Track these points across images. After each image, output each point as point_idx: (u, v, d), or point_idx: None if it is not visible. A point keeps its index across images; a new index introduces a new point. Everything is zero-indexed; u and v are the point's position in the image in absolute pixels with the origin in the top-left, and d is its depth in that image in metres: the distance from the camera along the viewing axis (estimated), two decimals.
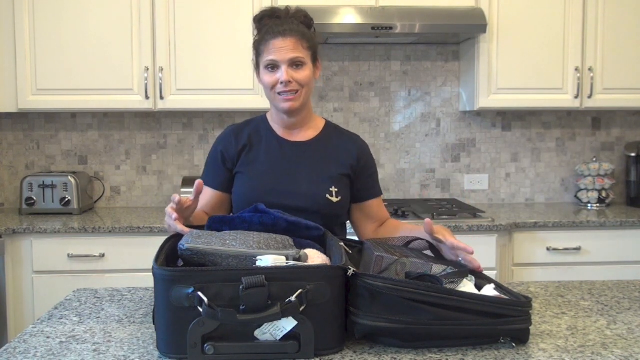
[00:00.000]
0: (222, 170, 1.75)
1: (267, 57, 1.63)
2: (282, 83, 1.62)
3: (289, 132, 1.76)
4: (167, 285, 1.13)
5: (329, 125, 1.81)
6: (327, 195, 1.68)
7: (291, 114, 1.70)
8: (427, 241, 1.56)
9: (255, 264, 1.21)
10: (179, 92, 3.02)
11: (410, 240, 1.57)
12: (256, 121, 1.80)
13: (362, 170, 1.77)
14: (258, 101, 3.03)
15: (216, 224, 1.45)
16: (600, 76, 3.13)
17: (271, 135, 1.75)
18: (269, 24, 1.67)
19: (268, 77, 1.64)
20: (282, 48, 1.61)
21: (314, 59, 1.69)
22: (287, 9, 1.70)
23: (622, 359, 1.17)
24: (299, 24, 1.67)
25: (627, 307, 1.50)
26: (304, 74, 1.64)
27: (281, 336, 1.13)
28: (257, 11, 2.95)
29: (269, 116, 1.80)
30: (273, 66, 1.63)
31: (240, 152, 1.74)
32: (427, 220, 1.48)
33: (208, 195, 1.76)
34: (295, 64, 1.62)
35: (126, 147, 3.37)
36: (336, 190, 1.69)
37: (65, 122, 3.35)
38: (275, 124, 1.76)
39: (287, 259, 1.22)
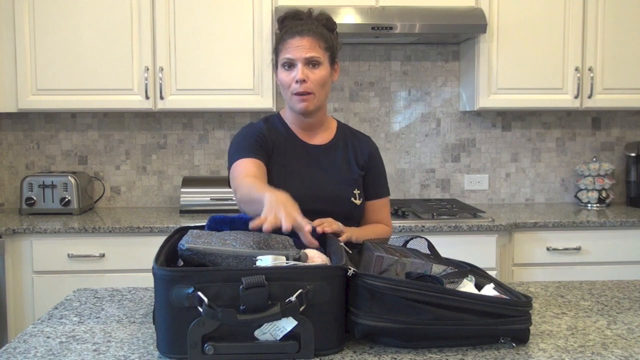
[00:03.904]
0: (264, 145, 1.67)
1: (284, 55, 1.64)
2: (297, 82, 1.62)
3: (308, 135, 1.75)
4: (167, 285, 1.13)
5: (341, 126, 1.84)
6: (352, 199, 1.70)
7: (306, 115, 1.69)
8: (425, 239, 1.56)
9: (255, 264, 1.21)
10: (179, 92, 3.02)
11: (409, 239, 1.57)
12: (273, 121, 1.77)
13: (370, 170, 1.80)
14: (258, 101, 3.03)
15: (216, 224, 1.45)
16: (600, 76, 3.13)
17: (294, 139, 1.74)
18: (289, 25, 1.68)
19: (284, 76, 1.65)
20: (299, 47, 1.62)
21: (332, 61, 1.69)
22: (310, 11, 1.71)
23: (622, 359, 1.17)
24: (319, 25, 1.68)
25: (627, 307, 1.50)
26: (319, 73, 1.64)
27: (281, 336, 1.13)
28: (257, 11, 3.00)
29: (284, 116, 1.78)
30: (289, 64, 1.64)
31: (273, 148, 1.69)
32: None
33: (258, 165, 1.62)
34: (312, 63, 1.63)
35: (126, 147, 3.37)
36: (358, 192, 1.72)
37: (65, 122, 3.34)
38: (293, 124, 1.75)
39: (287, 259, 1.22)
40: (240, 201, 1.52)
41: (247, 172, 1.58)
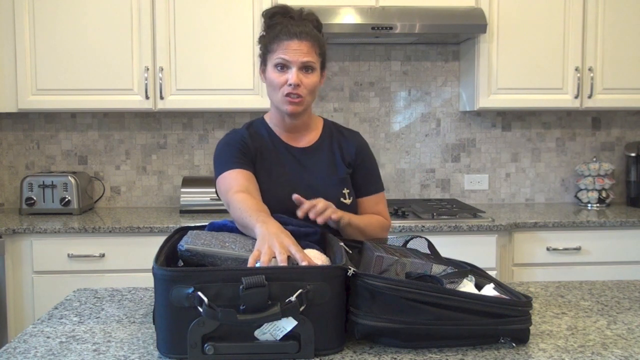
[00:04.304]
0: (247, 153, 1.66)
1: (280, 56, 1.60)
2: (290, 85, 1.59)
3: (293, 137, 1.72)
4: (167, 285, 1.13)
5: (327, 125, 1.79)
6: (341, 199, 1.67)
7: (292, 117, 1.67)
8: (425, 239, 1.56)
9: (255, 265, 1.21)
10: (179, 92, 3.02)
11: (409, 239, 1.57)
12: (256, 126, 1.75)
13: (359, 167, 1.76)
14: (258, 101, 3.03)
15: (215, 231, 1.45)
16: (600, 76, 3.13)
17: (278, 143, 1.71)
18: (283, 23, 1.64)
19: (276, 77, 1.62)
20: (297, 50, 1.59)
21: (323, 66, 1.68)
22: (301, 10, 1.68)
23: (622, 359, 1.17)
24: (312, 27, 1.65)
25: (627, 307, 1.50)
26: (312, 79, 1.62)
27: (281, 336, 1.13)
28: (256, 11, 3.01)
29: (268, 119, 1.75)
30: (283, 66, 1.60)
31: (256, 155, 1.68)
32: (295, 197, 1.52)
33: (248, 177, 1.61)
34: (306, 68, 1.61)
35: (126, 147, 3.37)
36: (347, 191, 1.69)
37: (65, 122, 3.35)
38: (277, 127, 1.72)
39: (287, 263, 1.21)
40: (234, 220, 1.50)
41: (238, 187, 1.55)
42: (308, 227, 1.46)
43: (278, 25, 1.64)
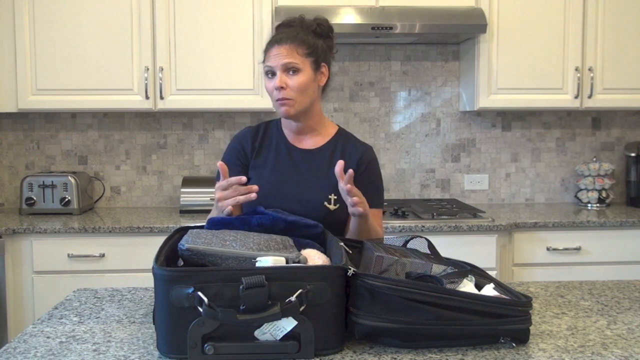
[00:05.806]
0: (240, 162, 1.76)
1: (266, 64, 1.68)
2: (276, 89, 1.64)
3: (299, 138, 1.76)
4: (167, 285, 1.13)
5: (339, 133, 1.79)
6: (326, 203, 1.67)
7: (290, 119, 1.71)
8: (425, 239, 1.56)
9: (255, 265, 1.21)
10: (179, 92, 3.02)
11: (409, 239, 1.57)
12: (271, 125, 1.82)
13: (358, 178, 1.69)
14: (258, 101, 3.03)
15: (215, 226, 1.45)
16: (600, 76, 3.13)
17: (281, 141, 1.77)
18: (276, 32, 1.72)
19: (267, 84, 1.68)
20: (277, 55, 1.64)
21: (316, 66, 1.68)
22: (301, 17, 1.72)
23: (622, 359, 1.17)
24: (301, 31, 1.67)
25: (627, 307, 1.50)
26: (298, 80, 1.64)
27: (281, 336, 1.13)
28: (257, 11, 3.01)
29: (282, 121, 1.81)
30: (271, 73, 1.66)
31: (252, 152, 1.76)
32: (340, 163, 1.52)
33: None
34: (290, 69, 1.64)
35: (126, 147, 3.37)
36: (335, 197, 1.68)
37: (65, 122, 3.35)
38: (286, 129, 1.78)
39: (287, 262, 1.21)
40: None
41: None
42: (309, 219, 1.47)
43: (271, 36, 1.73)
